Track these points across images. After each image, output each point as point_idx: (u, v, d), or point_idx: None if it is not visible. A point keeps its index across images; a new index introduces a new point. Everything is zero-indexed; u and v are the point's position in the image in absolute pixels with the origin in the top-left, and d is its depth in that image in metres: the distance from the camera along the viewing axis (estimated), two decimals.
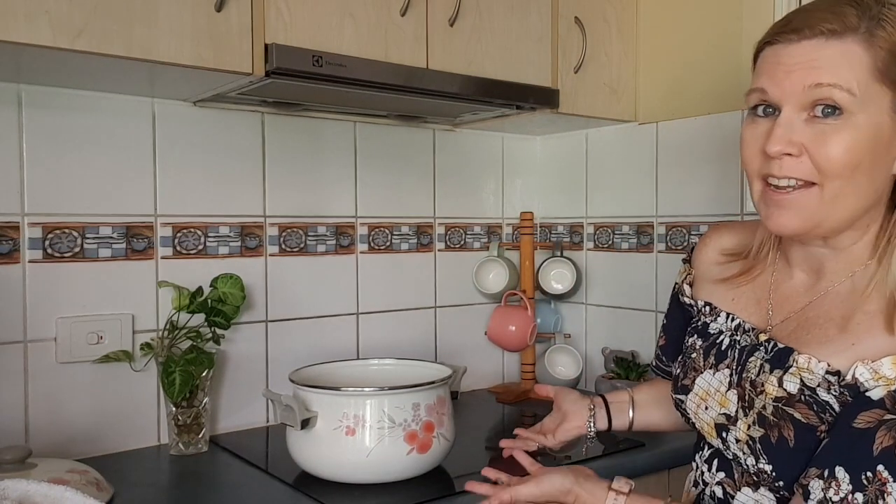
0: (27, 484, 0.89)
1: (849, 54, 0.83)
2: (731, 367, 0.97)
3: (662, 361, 1.20)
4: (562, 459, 1.43)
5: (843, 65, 0.83)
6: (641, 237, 1.86)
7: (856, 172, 0.84)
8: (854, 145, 0.83)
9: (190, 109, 1.53)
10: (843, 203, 0.86)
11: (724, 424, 0.95)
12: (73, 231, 1.42)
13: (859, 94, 0.83)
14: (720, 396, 0.96)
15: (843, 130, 0.83)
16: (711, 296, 1.06)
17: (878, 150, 0.84)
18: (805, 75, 0.84)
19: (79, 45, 1.11)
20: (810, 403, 0.86)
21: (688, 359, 1.05)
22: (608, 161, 1.93)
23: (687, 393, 1.02)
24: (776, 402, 0.89)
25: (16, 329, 1.36)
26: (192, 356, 1.43)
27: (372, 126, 1.79)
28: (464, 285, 1.97)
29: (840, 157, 0.83)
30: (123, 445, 1.46)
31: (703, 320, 1.06)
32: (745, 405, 0.93)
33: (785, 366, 0.90)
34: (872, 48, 0.83)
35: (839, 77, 0.83)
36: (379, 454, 1.21)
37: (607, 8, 1.79)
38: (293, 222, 1.68)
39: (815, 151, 0.84)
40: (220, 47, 1.23)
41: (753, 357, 0.94)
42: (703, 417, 0.99)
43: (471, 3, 1.54)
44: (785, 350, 0.92)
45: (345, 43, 1.37)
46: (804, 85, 0.84)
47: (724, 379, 0.97)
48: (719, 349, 1.00)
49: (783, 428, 0.88)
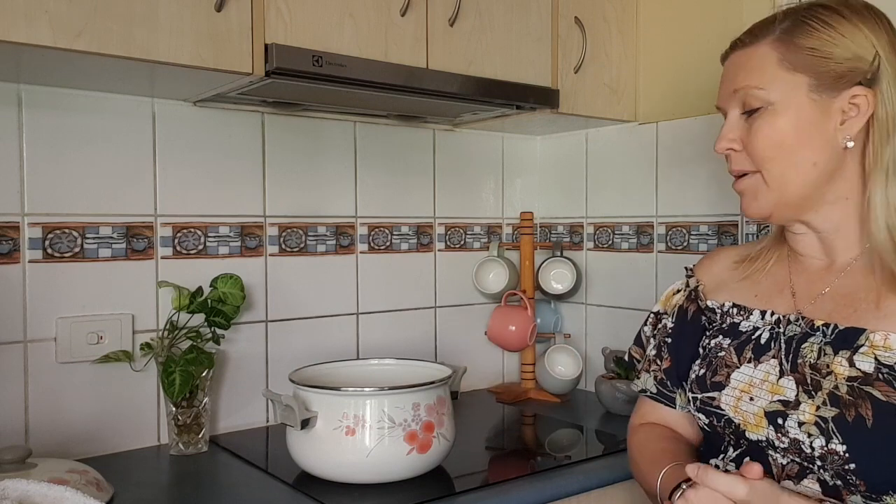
0: (27, 484, 0.89)
1: (758, 56, 0.98)
2: (779, 357, 0.98)
3: (666, 387, 1.14)
4: (562, 460, 1.43)
5: (753, 67, 0.98)
6: (641, 237, 1.86)
7: (783, 151, 0.96)
8: (774, 131, 0.96)
9: (190, 109, 1.53)
10: (787, 180, 0.97)
11: (781, 411, 0.94)
12: (73, 231, 1.42)
13: (769, 87, 0.96)
14: (770, 385, 0.96)
15: (765, 121, 0.97)
16: (734, 297, 1.09)
17: (802, 129, 0.96)
18: (731, 82, 1.01)
19: (79, 45, 1.11)
20: (889, 381, 0.88)
21: (714, 358, 1.05)
22: (608, 161, 1.93)
23: (721, 389, 1.02)
24: (850, 381, 0.89)
25: (16, 329, 1.36)
26: (192, 356, 1.43)
27: (372, 126, 1.79)
28: (464, 285, 1.97)
29: (764, 143, 0.97)
30: (123, 445, 1.46)
31: (730, 321, 1.07)
32: (810, 388, 0.92)
33: (854, 346, 0.92)
34: (782, 44, 0.97)
35: (750, 78, 0.98)
36: (379, 454, 1.21)
37: (607, 8, 1.79)
38: (293, 222, 1.68)
39: (747, 143, 0.99)
40: (220, 47, 1.23)
41: (807, 343, 0.96)
42: (746, 409, 0.98)
43: (471, 3, 1.54)
44: (850, 330, 0.93)
45: (345, 43, 1.37)
46: (731, 90, 1.01)
47: (771, 370, 0.98)
48: (757, 344, 1.01)
49: (860, 407, 0.88)
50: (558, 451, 1.53)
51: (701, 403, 1.04)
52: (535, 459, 1.48)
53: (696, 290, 1.15)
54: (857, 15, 0.96)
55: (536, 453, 1.54)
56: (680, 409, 1.13)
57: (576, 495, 1.31)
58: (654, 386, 1.16)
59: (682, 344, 1.13)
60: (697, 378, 1.06)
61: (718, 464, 1.03)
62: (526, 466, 1.41)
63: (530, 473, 1.34)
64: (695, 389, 1.06)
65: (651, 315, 1.20)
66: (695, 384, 1.06)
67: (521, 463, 1.45)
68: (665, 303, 1.19)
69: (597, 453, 1.45)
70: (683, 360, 1.12)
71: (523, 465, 1.43)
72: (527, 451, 1.56)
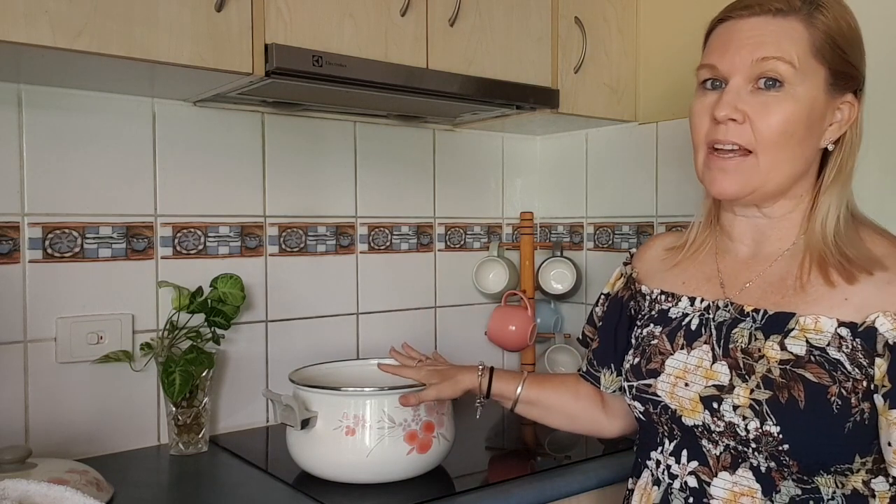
0: (27, 484, 0.89)
1: (791, 31, 0.93)
2: (710, 342, 0.99)
3: (594, 366, 1.19)
4: (562, 460, 1.43)
5: (786, 39, 0.93)
6: (641, 237, 1.86)
7: (790, 141, 0.94)
8: (791, 116, 0.93)
9: (190, 109, 1.53)
10: (778, 170, 0.95)
11: (716, 395, 0.95)
12: (73, 231, 1.42)
13: (799, 67, 0.92)
14: (704, 371, 0.98)
15: (784, 101, 0.93)
16: (663, 284, 1.11)
17: (811, 122, 0.94)
18: (754, 49, 0.94)
19: (79, 45, 1.11)
20: (821, 363, 0.89)
21: (647, 346, 1.06)
22: (608, 161, 1.93)
23: (656, 376, 1.03)
24: (783, 364, 0.91)
25: (16, 329, 1.36)
26: (192, 356, 1.43)
27: (372, 126, 1.79)
28: (464, 285, 1.97)
29: (778, 125, 0.93)
30: (123, 445, 1.46)
31: (659, 308, 1.08)
32: (743, 372, 0.94)
33: (784, 330, 0.93)
34: (812, 27, 0.93)
35: (783, 51, 0.92)
36: (379, 454, 1.21)
37: (607, 8, 1.79)
38: (293, 222, 1.68)
39: (756, 119, 0.93)
40: (220, 47, 1.23)
41: (738, 329, 0.97)
42: (682, 395, 0.99)
43: (471, 3, 1.54)
44: (780, 315, 0.94)
45: (345, 43, 1.37)
46: (752, 59, 0.94)
47: (704, 355, 0.99)
48: (688, 330, 1.02)
49: (793, 389, 0.89)
50: (558, 451, 1.53)
51: (637, 391, 1.05)
52: (535, 459, 1.48)
53: (630, 276, 1.17)
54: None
55: (536, 453, 1.54)
56: (604, 390, 1.17)
57: (576, 495, 1.31)
58: (585, 365, 1.21)
59: (611, 328, 1.16)
60: (632, 367, 1.07)
61: (659, 458, 1.04)
62: (526, 466, 1.41)
63: (530, 473, 1.34)
64: (630, 378, 1.07)
65: (602, 296, 1.22)
66: (630, 373, 1.07)
67: (521, 463, 1.46)
68: (612, 286, 1.21)
69: (597, 453, 1.45)
70: (610, 343, 1.16)
71: (523, 465, 1.43)
72: (527, 451, 1.56)
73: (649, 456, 1.06)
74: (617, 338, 1.15)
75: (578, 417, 1.25)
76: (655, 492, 1.04)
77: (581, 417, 1.24)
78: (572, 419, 1.25)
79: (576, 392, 1.24)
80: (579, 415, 1.24)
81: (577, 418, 1.25)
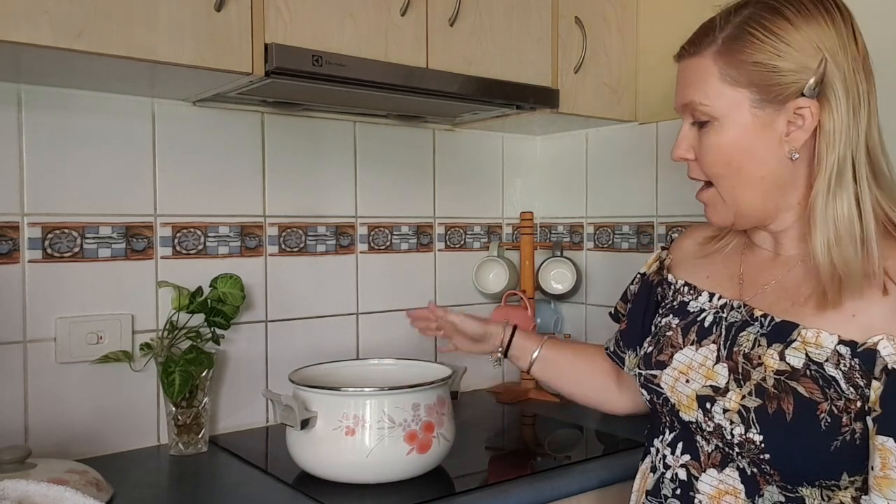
0: (27, 484, 0.89)
1: (701, 69, 0.96)
2: (718, 342, 0.99)
3: (620, 347, 1.19)
4: (562, 460, 1.43)
5: (699, 80, 0.96)
6: (641, 237, 1.86)
7: (733, 170, 0.96)
8: (724, 146, 0.95)
9: (190, 109, 1.53)
10: (743, 195, 0.97)
11: (711, 396, 0.96)
12: (73, 231, 1.42)
13: (713, 103, 0.94)
14: (705, 370, 0.98)
15: (714, 135, 0.96)
16: (689, 276, 1.11)
17: (748, 144, 0.94)
18: (682, 95, 0.99)
19: (79, 45, 1.11)
20: (816, 378, 0.88)
21: (662, 337, 1.06)
22: (608, 161, 1.93)
23: (663, 368, 1.03)
24: (778, 374, 0.90)
25: (15, 329, 1.36)
26: (192, 356, 1.43)
27: (372, 126, 1.79)
28: (464, 285, 1.97)
29: (712, 158, 0.97)
30: (123, 445, 1.46)
31: (680, 300, 1.09)
32: (740, 377, 0.94)
33: (787, 340, 0.92)
34: (723, 58, 0.94)
35: (699, 92, 0.95)
36: (379, 454, 1.21)
37: (607, 8, 1.79)
38: (293, 222, 1.68)
39: (699, 156, 0.99)
40: (220, 47, 1.23)
41: (745, 332, 0.97)
42: (681, 390, 1.00)
43: (471, 3, 1.54)
44: (785, 324, 0.94)
45: (345, 43, 1.37)
46: (681, 104, 0.99)
47: (709, 354, 0.99)
48: (701, 326, 1.02)
49: (783, 401, 0.89)
50: (558, 452, 1.53)
51: (644, 380, 1.06)
52: (534, 459, 1.48)
53: (663, 262, 1.18)
54: (803, 15, 0.91)
55: (536, 453, 1.54)
56: (627, 371, 1.18)
57: (576, 495, 1.31)
58: (612, 344, 1.22)
59: (639, 312, 1.18)
60: (645, 355, 1.08)
61: (659, 446, 1.06)
62: (526, 466, 1.41)
63: (530, 473, 1.34)
64: (641, 366, 1.08)
65: (638, 275, 1.23)
66: (642, 360, 1.08)
67: (521, 463, 1.45)
68: (648, 266, 1.21)
69: (596, 453, 1.45)
70: (637, 327, 1.17)
71: (523, 465, 1.43)
72: (527, 451, 1.56)
73: (653, 443, 1.08)
74: (644, 323, 1.16)
75: (591, 384, 1.28)
76: (651, 478, 1.06)
77: (593, 384, 1.28)
78: (584, 386, 1.29)
79: (593, 360, 1.28)
80: (592, 381, 1.28)
81: (588, 385, 1.28)
